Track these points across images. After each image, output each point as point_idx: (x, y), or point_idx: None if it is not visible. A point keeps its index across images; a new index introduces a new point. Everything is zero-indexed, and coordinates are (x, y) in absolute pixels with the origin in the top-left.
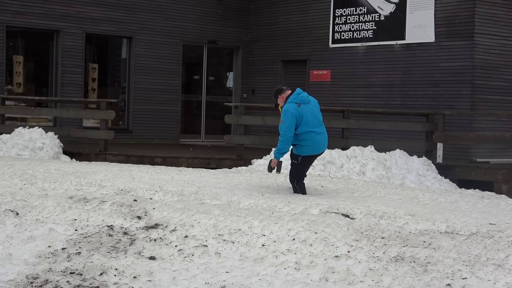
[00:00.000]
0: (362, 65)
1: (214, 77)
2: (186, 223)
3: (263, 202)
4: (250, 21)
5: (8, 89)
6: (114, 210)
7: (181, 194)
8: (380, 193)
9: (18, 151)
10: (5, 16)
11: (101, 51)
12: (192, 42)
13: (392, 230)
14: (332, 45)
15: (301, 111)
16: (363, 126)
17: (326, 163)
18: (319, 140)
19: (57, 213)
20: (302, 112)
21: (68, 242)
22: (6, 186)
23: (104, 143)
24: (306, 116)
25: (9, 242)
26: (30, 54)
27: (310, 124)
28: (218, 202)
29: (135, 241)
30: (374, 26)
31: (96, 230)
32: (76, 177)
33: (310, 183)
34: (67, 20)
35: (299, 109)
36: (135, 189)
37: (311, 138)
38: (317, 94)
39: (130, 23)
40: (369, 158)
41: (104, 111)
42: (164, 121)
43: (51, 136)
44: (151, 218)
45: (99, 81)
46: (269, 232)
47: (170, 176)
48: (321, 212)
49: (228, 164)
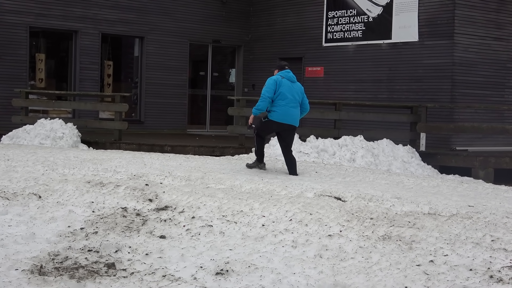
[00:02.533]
0: (352, 62)
1: (218, 73)
2: (193, 205)
3: (263, 186)
4: (250, 22)
5: (31, 84)
6: (128, 193)
7: (189, 179)
8: (369, 178)
9: (40, 140)
10: (28, 18)
11: (115, 50)
12: (198, 41)
13: (380, 211)
14: (325, 44)
15: (282, 81)
16: (353, 117)
17: (320, 151)
18: (289, 111)
19: (76, 196)
20: (283, 83)
21: (86, 222)
22: (30, 172)
23: (118, 133)
24: (283, 88)
25: (33, 223)
26: (51, 52)
27: (284, 97)
28: (222, 186)
29: (147, 222)
30: (363, 27)
31: (112, 212)
32: (93, 164)
33: (306, 169)
34: (85, 22)
35: (281, 80)
36: (146, 175)
37: (282, 106)
38: (312, 88)
39: (142, 24)
40: (358, 146)
41: (119, 104)
42: (172, 113)
43: (70, 126)
44: (161, 201)
45: (114, 77)
46: (269, 213)
47: (178, 163)
48: (315, 195)
49: (231, 152)
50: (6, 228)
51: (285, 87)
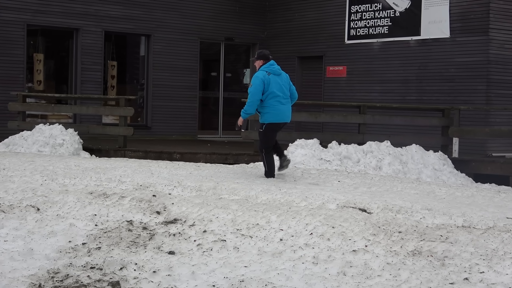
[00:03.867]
0: (378, 61)
1: (231, 74)
2: (205, 218)
3: (281, 197)
4: (266, 18)
5: (28, 87)
6: (134, 205)
7: (200, 189)
8: (396, 188)
9: (38, 147)
10: (26, 15)
11: (120, 49)
12: (209, 39)
13: (409, 224)
14: (348, 41)
15: (269, 79)
16: (379, 121)
17: (343, 158)
18: (281, 110)
19: (77, 208)
20: (270, 80)
21: (88, 237)
22: (28, 182)
23: (123, 139)
24: (272, 86)
25: (31, 237)
26: (50, 52)
27: (275, 95)
28: (236, 197)
29: (154, 236)
30: (389, 22)
31: (116, 225)
32: (96, 173)
33: (327, 178)
34: (86, 19)
35: (267, 77)
36: (154, 185)
37: (274, 105)
38: (333, 90)
39: (148, 21)
40: (385, 153)
41: (123, 107)
42: (182, 118)
43: (71, 132)
44: (170, 213)
45: (118, 79)
46: (287, 226)
47: (188, 172)
48: (338, 207)
49: (246, 159)
50: (1, 243)
51: (273, 85)
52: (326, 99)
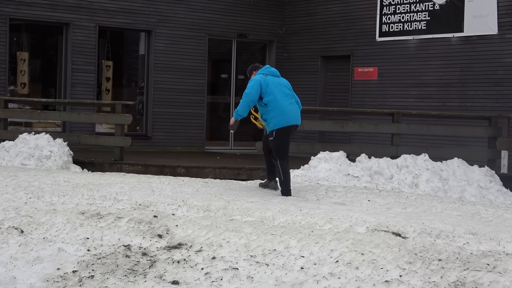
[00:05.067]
0: (414, 61)
1: (244, 76)
2: (214, 243)
3: (301, 218)
4: (285, 11)
5: (11, 90)
6: (132, 227)
7: (208, 209)
8: (436, 209)
9: (22, 160)
10: (8, 7)
11: (116, 47)
12: (219, 36)
13: (450, 251)
14: (380, 38)
15: (267, 80)
16: (415, 131)
17: (373, 173)
18: (288, 110)
19: (67, 231)
20: (268, 81)
21: (79, 264)
22: (10, 200)
23: (119, 151)
24: (271, 86)
25: (13, 264)
26: (36, 51)
27: (276, 94)
28: (249, 218)
29: (156, 263)
30: (427, 16)
31: (112, 251)
32: (88, 190)
33: (355, 197)
34: (78, 12)
35: (265, 78)
36: (155, 204)
37: (278, 107)
38: (363, 94)
39: (149, 15)
40: (422, 168)
41: (120, 114)
42: (187, 126)
43: (59, 143)
44: (173, 237)
45: (114, 81)
46: (309, 253)
47: (194, 189)
48: (368, 230)
49: (261, 175)
50: None
51: (272, 85)
52: (354, 106)
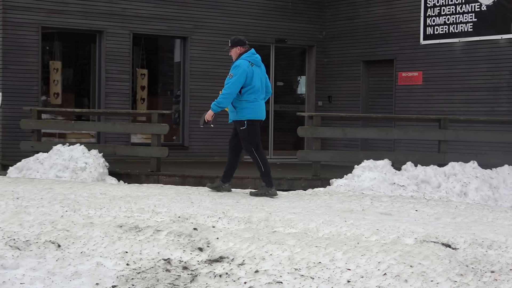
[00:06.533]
0: (461, 65)
1: (283, 82)
2: (256, 256)
3: (347, 230)
4: (325, 15)
5: (43, 100)
6: (171, 240)
7: (249, 221)
8: (487, 218)
9: (57, 172)
10: (40, 16)
11: (150, 54)
12: (256, 42)
13: (503, 262)
14: (424, 41)
15: (252, 70)
16: (463, 137)
17: (420, 182)
18: (261, 106)
19: (105, 244)
20: (253, 72)
21: (118, 278)
22: (46, 213)
23: (156, 162)
24: (255, 79)
25: (51, 279)
26: (69, 59)
27: (256, 90)
28: (292, 230)
29: (197, 277)
30: (474, 18)
31: (151, 265)
32: (125, 202)
33: (402, 206)
34: (111, 19)
35: (251, 68)
36: (194, 216)
37: (253, 101)
38: (407, 100)
39: (185, 21)
40: (471, 176)
41: (156, 124)
42: (225, 135)
43: (94, 154)
44: (214, 250)
45: (149, 89)
46: (355, 265)
47: (235, 200)
48: (416, 242)
49: (302, 185)
50: (17, 286)
51: (256, 78)
52: (398, 112)
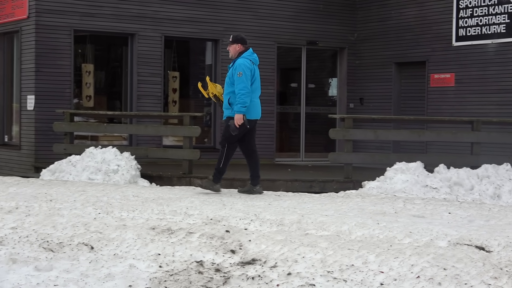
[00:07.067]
0: (494, 66)
1: (315, 85)
2: (289, 258)
3: (379, 232)
4: (357, 17)
5: (76, 103)
6: (204, 242)
7: (281, 224)
8: None
9: (89, 174)
10: (72, 19)
11: (182, 57)
12: (288, 44)
13: None
14: (456, 43)
15: (254, 69)
16: (496, 139)
17: (453, 184)
18: (258, 105)
19: (137, 246)
20: (254, 72)
21: (152, 280)
22: (79, 215)
23: (188, 164)
24: (255, 78)
25: (84, 281)
26: (101, 62)
27: (255, 88)
28: (325, 232)
29: (230, 280)
30: (507, 19)
31: (184, 267)
32: (158, 205)
33: (435, 209)
34: (143, 22)
35: (252, 67)
36: (226, 218)
37: (253, 100)
38: (439, 101)
39: (216, 24)
40: (505, 178)
41: (188, 126)
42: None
43: (127, 156)
44: (247, 252)
45: (181, 92)
46: (388, 268)
47: (266, 202)
48: (450, 244)
49: (334, 187)
50: None
51: (255, 77)
52: (430, 114)
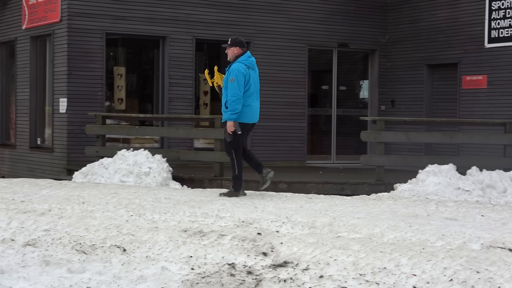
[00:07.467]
0: None
1: (346, 87)
2: (321, 261)
3: (412, 235)
4: (388, 19)
5: (108, 106)
6: (235, 245)
7: (313, 226)
8: None
9: (121, 177)
10: (104, 22)
11: (213, 59)
12: (319, 46)
13: None
14: (489, 44)
15: (249, 73)
16: None
17: (485, 187)
18: (255, 109)
19: (169, 249)
20: (250, 76)
21: (184, 283)
22: (111, 218)
23: (219, 167)
24: (251, 82)
25: (117, 283)
26: (133, 65)
27: (251, 93)
28: (357, 235)
29: (262, 282)
30: None
31: (216, 269)
32: (189, 207)
33: (467, 212)
34: (175, 25)
35: (248, 71)
36: (258, 221)
37: (249, 104)
38: (472, 103)
39: (247, 26)
40: None
41: (219, 129)
42: (287, 140)
43: (158, 159)
44: (278, 255)
45: (212, 94)
46: (421, 271)
47: (298, 205)
48: (483, 247)
49: (366, 189)
50: None
51: (252, 81)
52: (463, 115)
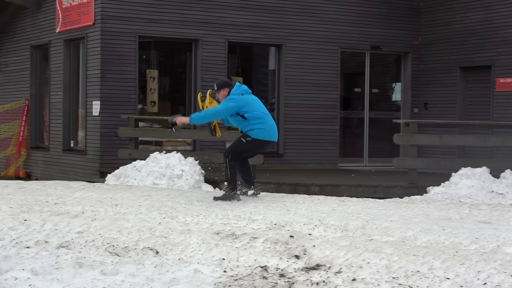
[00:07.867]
0: None
1: (379, 89)
2: (353, 264)
3: (445, 238)
4: (421, 21)
5: (140, 109)
6: (268, 248)
7: (345, 229)
8: None
9: (154, 179)
10: (137, 25)
11: (245, 62)
12: (351, 49)
13: None
14: None
15: (245, 99)
16: None
17: None
18: (272, 126)
19: (202, 251)
20: (248, 99)
21: (216, 285)
22: (144, 220)
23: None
24: (254, 103)
25: (150, 285)
26: (165, 68)
27: (262, 110)
28: (389, 238)
29: (294, 285)
30: None
31: (248, 272)
32: (221, 210)
33: (501, 215)
34: (207, 28)
35: (241, 97)
36: (290, 223)
37: (266, 121)
38: (505, 106)
39: (279, 29)
40: None
41: None
42: (319, 143)
43: (191, 162)
44: (311, 258)
45: None
46: (454, 274)
47: (330, 208)
48: None
49: (399, 192)
50: None
51: (255, 102)
52: (496, 118)
